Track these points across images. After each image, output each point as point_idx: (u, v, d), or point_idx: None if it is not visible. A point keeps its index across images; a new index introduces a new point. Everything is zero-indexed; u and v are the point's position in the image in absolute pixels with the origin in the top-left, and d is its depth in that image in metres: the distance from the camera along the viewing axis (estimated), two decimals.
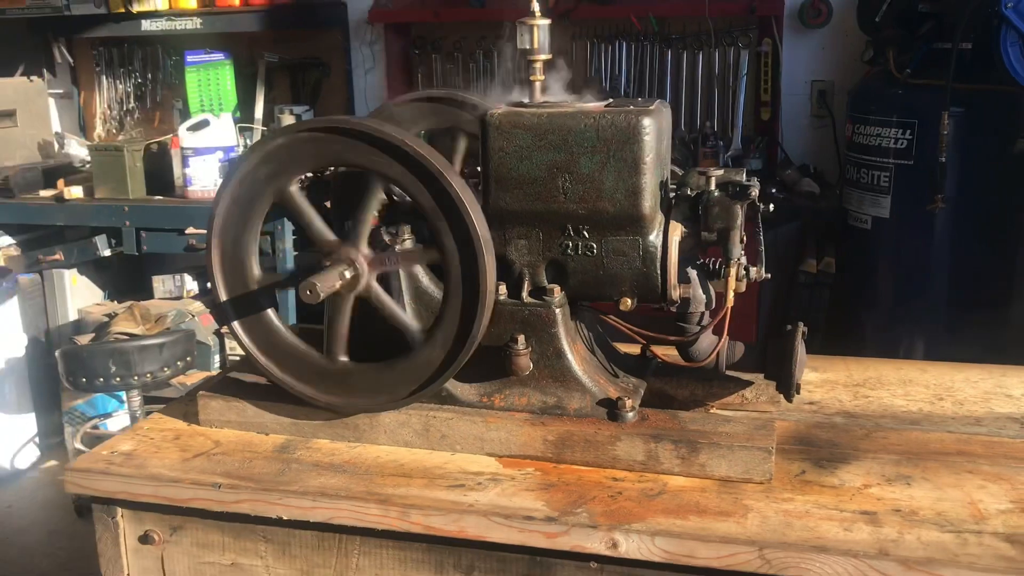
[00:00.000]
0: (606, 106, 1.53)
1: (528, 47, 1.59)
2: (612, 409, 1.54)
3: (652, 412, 1.57)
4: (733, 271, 1.52)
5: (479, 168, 1.57)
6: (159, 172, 4.00)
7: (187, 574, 1.59)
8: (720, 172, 1.51)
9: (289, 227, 3.61)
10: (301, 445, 1.62)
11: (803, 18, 3.89)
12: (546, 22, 1.60)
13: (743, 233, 1.51)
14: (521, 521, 1.37)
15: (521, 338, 1.55)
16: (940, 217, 3.21)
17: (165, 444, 1.64)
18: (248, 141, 4.23)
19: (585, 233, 1.54)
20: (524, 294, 1.58)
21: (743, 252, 1.58)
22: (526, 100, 1.62)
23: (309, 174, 1.55)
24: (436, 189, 1.44)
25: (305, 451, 1.60)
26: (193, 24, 4.21)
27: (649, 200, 1.49)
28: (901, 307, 3.42)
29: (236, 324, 1.60)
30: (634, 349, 1.75)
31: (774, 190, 3.56)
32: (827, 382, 1.85)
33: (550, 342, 1.58)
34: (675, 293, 1.55)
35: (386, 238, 1.58)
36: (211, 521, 1.54)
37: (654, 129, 1.47)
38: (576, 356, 1.59)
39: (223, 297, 1.59)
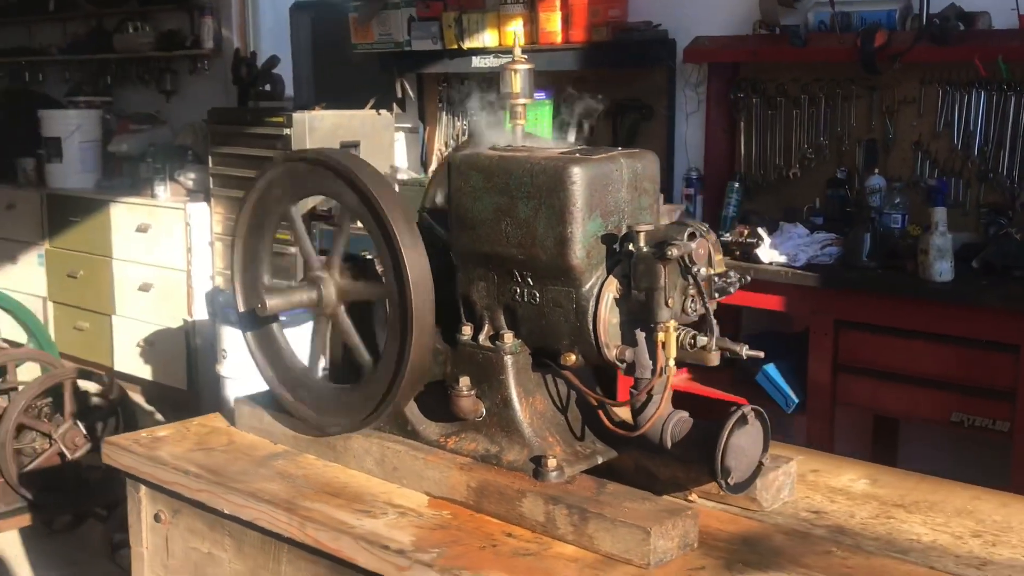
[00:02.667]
0: (560, 152, 1.80)
1: (510, 91, 1.89)
2: (537, 466, 1.78)
3: (584, 478, 1.78)
4: (661, 336, 1.68)
5: None
6: None
7: (181, 555, 2.11)
8: (650, 227, 1.69)
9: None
10: (290, 456, 2.07)
11: None
12: (527, 67, 1.90)
13: (671, 295, 1.67)
14: (380, 550, 1.68)
15: (464, 380, 1.85)
16: None
17: (192, 437, 2.18)
18: None
19: (529, 280, 1.81)
20: (482, 337, 1.89)
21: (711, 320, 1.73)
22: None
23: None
24: (381, 226, 1.81)
25: (287, 461, 2.04)
26: None
27: (579, 251, 1.72)
28: None
29: (248, 335, 2.10)
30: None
31: None
32: (867, 495, 1.87)
33: (499, 389, 1.86)
34: (609, 353, 1.75)
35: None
36: (197, 511, 2.04)
37: (584, 178, 1.71)
38: (526, 408, 1.85)
39: (241, 308, 2.10)
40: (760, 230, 3.81)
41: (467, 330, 1.91)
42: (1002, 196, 3.92)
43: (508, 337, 1.85)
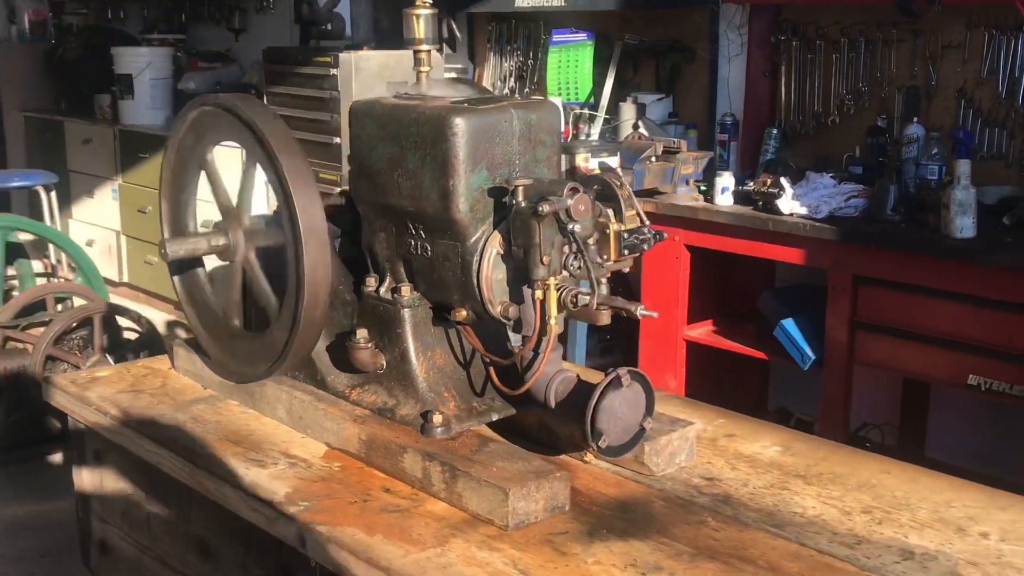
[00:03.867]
0: (451, 102, 1.75)
1: (413, 36, 1.84)
2: (425, 422, 1.76)
3: (470, 435, 1.75)
4: (539, 294, 1.63)
5: None
6: None
7: (111, 495, 2.16)
8: (529, 182, 1.63)
9: None
10: (213, 401, 2.08)
11: None
12: (430, 11, 1.84)
13: (547, 252, 1.61)
14: (254, 500, 1.69)
15: (362, 332, 1.83)
16: None
17: (129, 378, 2.22)
18: (589, 128, 4.68)
19: (421, 232, 1.77)
20: (383, 289, 1.86)
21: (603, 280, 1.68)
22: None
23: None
24: (277, 173, 1.80)
25: (207, 406, 2.06)
26: (559, 1, 4.77)
27: (463, 205, 1.68)
28: None
29: (175, 279, 2.12)
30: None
31: None
32: (773, 464, 1.80)
33: (397, 343, 1.84)
34: (494, 309, 1.71)
35: None
36: (125, 452, 2.07)
37: (466, 129, 1.66)
38: (423, 362, 1.83)
39: (169, 257, 2.11)
40: (783, 180, 3.67)
41: (371, 281, 1.89)
42: None
43: (406, 290, 1.82)
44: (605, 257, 1.71)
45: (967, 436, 3.84)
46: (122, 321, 4.35)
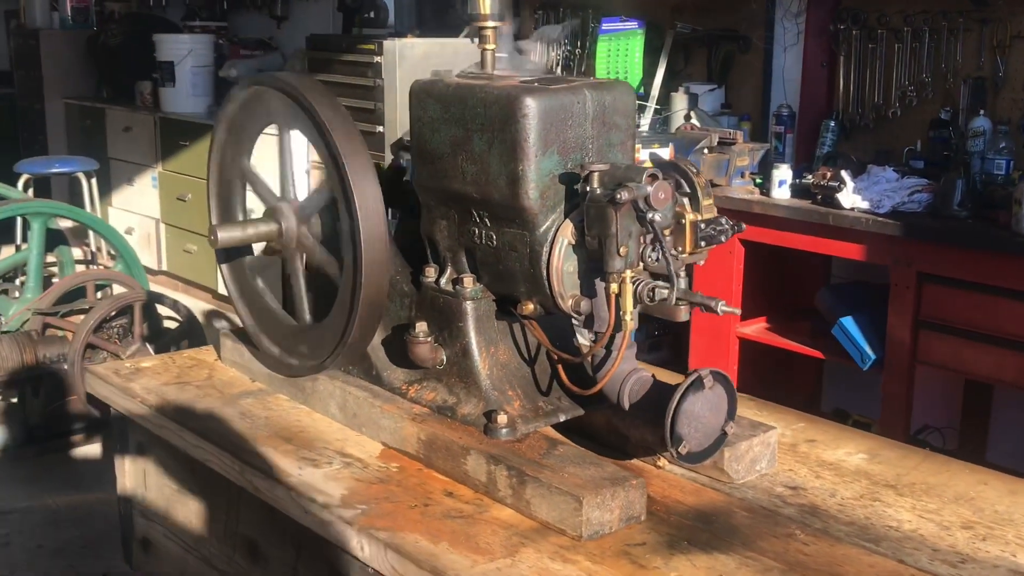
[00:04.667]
0: (520, 81, 1.63)
1: (478, 12, 1.72)
2: (488, 422, 1.65)
3: (538, 437, 1.64)
4: (614, 287, 1.52)
5: None
6: None
7: (154, 490, 2.06)
8: (606, 167, 1.52)
9: None
10: (262, 395, 1.98)
11: None
12: None
13: (624, 243, 1.49)
14: (307, 502, 1.59)
15: (422, 326, 1.72)
16: None
17: (174, 369, 2.12)
18: (639, 119, 4.56)
19: (486, 220, 1.66)
20: (444, 280, 1.75)
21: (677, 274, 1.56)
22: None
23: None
24: (332, 152, 1.69)
25: (256, 401, 1.96)
26: None
27: (532, 191, 1.57)
28: None
29: (224, 267, 2.02)
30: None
31: None
32: (860, 472, 1.68)
33: (458, 337, 1.73)
34: (565, 304, 1.59)
35: None
36: (169, 446, 1.98)
37: (537, 111, 1.54)
38: (486, 358, 1.72)
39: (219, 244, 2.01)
40: (844, 173, 3.53)
41: (431, 272, 1.78)
42: None
43: (468, 281, 1.71)
44: (680, 249, 1.60)
45: None
46: (162, 310, 4.28)
